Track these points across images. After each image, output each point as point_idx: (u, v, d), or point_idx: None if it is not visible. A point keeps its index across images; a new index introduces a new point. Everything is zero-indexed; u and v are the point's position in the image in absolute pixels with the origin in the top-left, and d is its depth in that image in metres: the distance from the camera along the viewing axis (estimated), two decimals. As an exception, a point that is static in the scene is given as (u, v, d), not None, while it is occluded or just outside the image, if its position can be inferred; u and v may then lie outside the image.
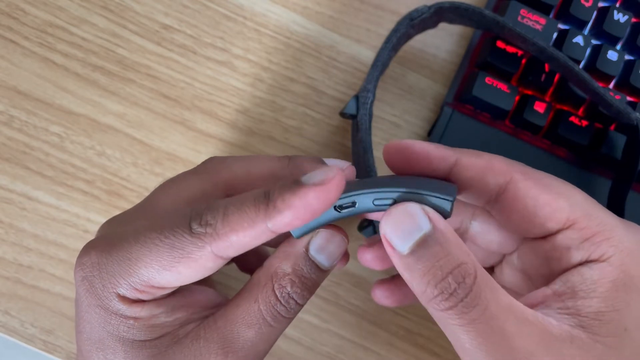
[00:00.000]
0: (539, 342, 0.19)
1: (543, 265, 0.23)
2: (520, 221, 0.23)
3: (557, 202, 0.22)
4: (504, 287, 0.26)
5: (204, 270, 0.21)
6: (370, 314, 0.35)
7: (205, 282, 0.29)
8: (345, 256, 0.24)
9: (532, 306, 0.22)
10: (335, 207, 0.21)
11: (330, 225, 0.22)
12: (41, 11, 0.34)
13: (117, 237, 0.22)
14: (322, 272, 0.23)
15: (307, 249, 0.22)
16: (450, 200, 0.21)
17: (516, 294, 0.24)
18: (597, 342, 0.20)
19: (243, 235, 0.20)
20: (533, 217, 0.22)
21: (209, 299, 0.24)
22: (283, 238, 0.29)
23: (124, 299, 0.21)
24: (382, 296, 0.27)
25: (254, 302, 0.22)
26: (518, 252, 0.25)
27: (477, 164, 0.23)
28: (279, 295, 0.22)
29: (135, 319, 0.21)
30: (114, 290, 0.21)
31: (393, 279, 0.27)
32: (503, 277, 0.26)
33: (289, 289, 0.22)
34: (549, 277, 0.23)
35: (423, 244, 0.20)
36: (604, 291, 0.21)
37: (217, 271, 0.29)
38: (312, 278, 0.22)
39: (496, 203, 0.23)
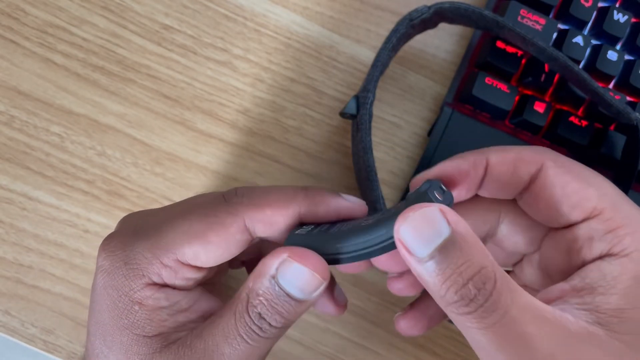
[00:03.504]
0: (559, 342, 0.19)
1: (564, 259, 0.23)
2: (547, 209, 0.22)
3: (586, 191, 0.22)
4: (523, 285, 0.25)
5: (232, 243, 0.22)
6: (370, 314, 0.35)
7: (217, 293, 0.29)
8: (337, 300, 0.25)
9: (549, 301, 0.21)
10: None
11: (315, 260, 0.22)
12: (42, 11, 0.34)
13: (147, 220, 0.23)
14: (297, 301, 0.22)
15: (274, 276, 0.21)
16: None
17: (534, 292, 0.24)
18: (615, 339, 0.19)
19: (277, 211, 0.22)
20: (560, 204, 0.22)
21: (212, 307, 0.23)
22: None
23: (143, 276, 0.21)
24: (407, 327, 0.26)
25: (232, 316, 0.21)
26: (540, 248, 0.25)
27: (507, 157, 0.23)
28: (250, 314, 0.21)
29: (140, 304, 0.21)
30: (137, 266, 0.21)
31: (412, 307, 0.26)
32: (523, 275, 0.26)
33: (259, 309, 0.21)
34: (568, 272, 0.22)
35: (443, 250, 0.19)
36: (624, 287, 0.20)
37: (220, 272, 0.29)
38: (284, 305, 0.21)
39: (526, 192, 0.23)
